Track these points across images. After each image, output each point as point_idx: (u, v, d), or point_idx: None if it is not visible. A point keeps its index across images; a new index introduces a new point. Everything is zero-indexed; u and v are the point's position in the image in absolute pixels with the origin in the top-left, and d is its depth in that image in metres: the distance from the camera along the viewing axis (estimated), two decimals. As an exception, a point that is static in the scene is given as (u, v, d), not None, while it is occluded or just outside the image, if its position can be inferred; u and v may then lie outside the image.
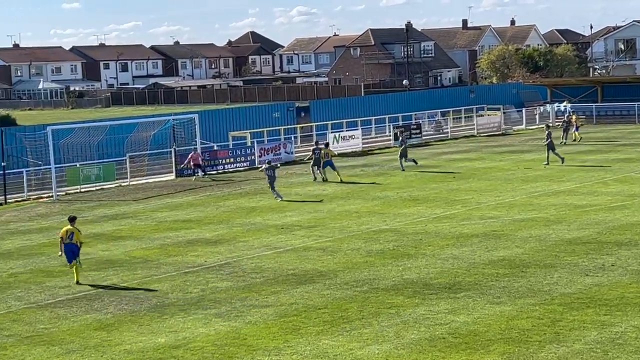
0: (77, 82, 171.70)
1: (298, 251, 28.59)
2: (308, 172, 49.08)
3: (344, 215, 34.84)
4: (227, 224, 34.29)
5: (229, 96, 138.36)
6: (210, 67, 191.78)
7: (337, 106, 75.42)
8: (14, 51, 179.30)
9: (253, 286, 24.30)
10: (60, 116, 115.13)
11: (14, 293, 24.80)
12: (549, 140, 46.95)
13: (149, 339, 20.07)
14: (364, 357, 18.23)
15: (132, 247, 30.65)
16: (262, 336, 19.85)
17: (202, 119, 56.07)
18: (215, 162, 51.24)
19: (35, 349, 19.72)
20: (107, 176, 47.17)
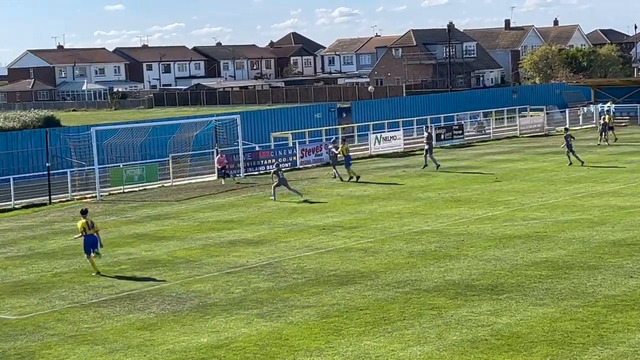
0: (120, 84, 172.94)
1: (340, 252, 28.59)
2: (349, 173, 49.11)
3: (386, 216, 34.79)
4: (269, 224, 34.36)
5: (271, 97, 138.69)
6: (252, 68, 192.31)
7: (378, 107, 75.31)
8: (58, 53, 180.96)
9: (295, 287, 24.33)
10: (103, 117, 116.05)
11: (58, 292, 25.02)
12: (567, 143, 46.97)
13: (192, 338, 20.16)
14: (405, 358, 18.18)
15: (174, 247, 30.81)
16: (304, 337, 19.86)
17: (244, 119, 56.26)
18: (257, 163, 51.35)
19: (79, 348, 19.88)
20: (150, 177, 47.45)
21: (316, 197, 40.72)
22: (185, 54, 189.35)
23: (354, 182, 44.61)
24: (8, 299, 24.48)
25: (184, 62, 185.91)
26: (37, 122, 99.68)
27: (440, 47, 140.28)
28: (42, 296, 24.66)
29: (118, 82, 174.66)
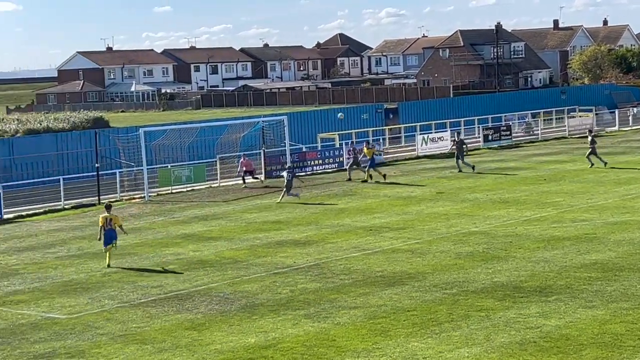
0: (168, 85, 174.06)
1: (387, 253, 28.54)
2: (396, 174, 49.04)
3: (433, 217, 34.67)
4: (316, 225, 34.39)
5: (318, 98, 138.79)
6: (298, 69, 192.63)
7: (425, 108, 75.08)
8: (107, 54, 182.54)
9: (342, 287, 24.33)
10: (151, 118, 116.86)
11: (108, 292, 25.23)
12: (592, 146, 46.75)
13: (239, 339, 20.23)
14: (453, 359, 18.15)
15: (222, 247, 30.94)
16: (351, 338, 19.85)
17: (291, 120, 56.34)
18: (304, 164, 51.42)
19: (128, 347, 20.04)
20: (197, 177, 47.69)
21: (363, 198, 40.69)
22: (233, 55, 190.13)
23: (396, 184, 44.48)
24: (58, 298, 24.74)
25: (232, 64, 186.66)
26: (86, 123, 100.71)
27: (487, 47, 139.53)
28: (91, 296, 24.89)
29: (166, 83, 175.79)
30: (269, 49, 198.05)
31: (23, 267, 29.24)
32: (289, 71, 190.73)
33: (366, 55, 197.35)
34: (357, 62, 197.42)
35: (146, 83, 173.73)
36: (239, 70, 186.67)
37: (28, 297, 25.04)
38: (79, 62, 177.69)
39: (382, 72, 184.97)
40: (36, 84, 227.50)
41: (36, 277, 27.69)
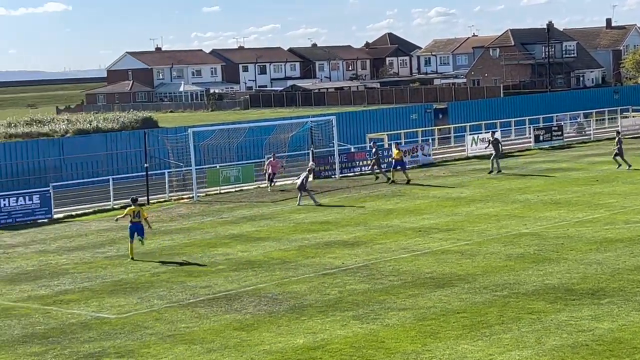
0: (217, 85, 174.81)
1: (436, 254, 28.33)
2: (445, 174, 48.76)
3: (483, 218, 34.38)
4: (364, 226, 34.25)
5: (366, 98, 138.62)
6: (347, 69, 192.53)
7: (475, 108, 74.60)
8: (156, 54, 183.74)
9: (391, 289, 24.18)
10: (200, 118, 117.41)
11: (157, 292, 25.28)
12: (618, 147, 46.16)
13: (288, 339, 20.15)
14: (504, 363, 17.93)
15: (270, 248, 30.90)
16: (400, 339, 19.71)
17: (339, 120, 56.22)
18: (352, 164, 51.28)
19: (177, 347, 20.04)
20: (246, 177, 47.75)
21: (411, 199, 40.48)
22: (281, 55, 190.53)
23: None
24: (108, 298, 24.84)
25: (280, 64, 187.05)
26: (135, 123, 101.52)
27: (539, 46, 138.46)
28: (140, 295, 24.96)
29: (214, 83, 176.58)
30: (318, 48, 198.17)
31: (73, 267, 29.43)
32: (337, 71, 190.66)
33: (415, 55, 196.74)
34: (406, 62, 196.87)
35: (195, 83, 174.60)
36: (288, 70, 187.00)
37: (78, 297, 25.18)
38: (128, 62, 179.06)
39: (431, 71, 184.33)
40: (86, 84, 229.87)
41: (86, 276, 27.85)
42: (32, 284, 27.06)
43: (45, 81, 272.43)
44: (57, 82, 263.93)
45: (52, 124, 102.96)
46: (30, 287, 26.65)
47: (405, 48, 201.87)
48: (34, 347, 20.53)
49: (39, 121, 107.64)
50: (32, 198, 39.74)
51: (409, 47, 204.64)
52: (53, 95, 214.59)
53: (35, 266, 29.85)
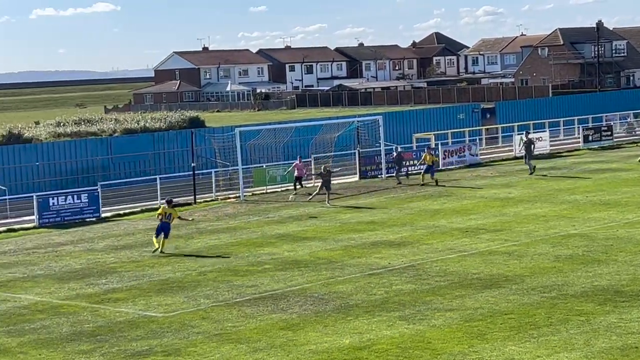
0: (263, 84, 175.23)
1: (483, 255, 28.15)
2: (493, 174, 48.47)
3: (531, 219, 34.11)
4: (411, 226, 34.13)
5: (413, 98, 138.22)
6: (394, 69, 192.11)
7: (523, 107, 74.05)
8: (203, 54, 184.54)
9: (437, 289, 24.06)
10: (246, 118, 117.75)
11: (203, 291, 25.37)
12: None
13: (334, 339, 20.12)
14: (552, 365, 17.77)
15: (316, 247, 30.89)
16: (447, 340, 19.60)
17: (386, 120, 56.08)
18: (399, 164, 51.03)
19: (224, 346, 20.09)
20: (292, 177, 47.70)
21: (459, 199, 40.28)
22: (328, 54, 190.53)
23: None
24: (155, 297, 24.97)
25: (326, 63, 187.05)
26: (182, 122, 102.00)
27: (588, 46, 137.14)
28: (187, 294, 25.06)
29: (261, 83, 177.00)
30: (364, 48, 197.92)
31: (120, 266, 29.62)
32: (384, 71, 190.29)
33: (463, 54, 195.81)
34: (453, 61, 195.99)
35: (241, 83, 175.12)
36: (334, 70, 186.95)
37: (126, 295, 25.34)
38: (175, 62, 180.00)
39: (478, 71, 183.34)
40: (133, 83, 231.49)
41: (133, 275, 28.02)
42: (81, 282, 27.28)
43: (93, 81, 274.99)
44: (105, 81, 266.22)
45: (100, 124, 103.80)
46: (78, 286, 26.87)
47: (453, 47, 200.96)
48: (83, 345, 20.69)
49: (88, 120, 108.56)
50: (80, 197, 40.08)
51: (457, 46, 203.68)
52: (101, 94, 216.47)
53: (83, 264, 30.09)
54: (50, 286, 27.01)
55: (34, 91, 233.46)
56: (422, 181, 45.72)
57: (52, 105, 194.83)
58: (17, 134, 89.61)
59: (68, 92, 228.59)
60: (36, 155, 49.73)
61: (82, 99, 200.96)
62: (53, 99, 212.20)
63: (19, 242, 35.29)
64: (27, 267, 30.04)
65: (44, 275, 28.75)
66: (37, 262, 31.00)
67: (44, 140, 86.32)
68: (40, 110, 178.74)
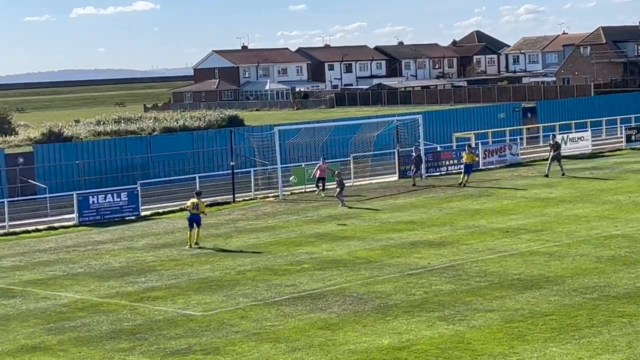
0: (302, 83, 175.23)
1: (524, 255, 27.92)
2: (534, 174, 48.10)
3: (572, 219, 33.78)
4: (451, 226, 33.92)
5: (453, 97, 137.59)
6: (433, 68, 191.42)
7: (565, 107, 73.44)
8: (242, 53, 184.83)
9: (477, 290, 23.89)
10: (285, 117, 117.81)
11: (242, 290, 25.36)
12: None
13: (373, 339, 20.03)
14: (594, 367, 17.56)
15: (355, 247, 30.79)
16: (487, 341, 19.44)
17: (425, 119, 55.85)
18: (439, 164, 50.89)
19: (262, 345, 20.05)
20: (331, 176, 47.62)
21: (499, 199, 40.00)
22: (367, 53, 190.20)
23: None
24: (194, 295, 25.00)
25: (366, 62, 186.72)
26: (221, 121, 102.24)
27: (631, 44, 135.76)
28: (226, 293, 25.06)
29: (300, 82, 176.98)
30: (404, 47, 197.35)
31: (160, 264, 29.70)
32: (423, 69, 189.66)
33: (503, 53, 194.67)
34: (494, 60, 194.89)
35: (280, 81, 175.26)
36: (373, 69, 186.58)
37: (165, 294, 25.39)
38: (214, 61, 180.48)
39: (519, 70, 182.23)
40: (173, 82, 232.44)
41: (172, 273, 28.08)
42: (120, 281, 27.38)
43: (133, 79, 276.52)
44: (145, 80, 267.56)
45: (139, 122, 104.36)
46: (118, 284, 26.97)
47: (494, 46, 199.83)
48: (122, 343, 20.75)
49: (127, 119, 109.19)
50: (120, 195, 40.26)
51: (497, 45, 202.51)
52: (141, 93, 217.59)
53: (122, 263, 30.21)
54: (90, 284, 27.14)
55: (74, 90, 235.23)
56: (462, 182, 44.95)
57: (92, 104, 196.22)
58: (58, 133, 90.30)
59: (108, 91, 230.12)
60: (76, 154, 50.03)
61: (121, 97, 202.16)
62: (93, 97, 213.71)
63: (59, 240, 35.50)
64: (67, 265, 30.21)
65: (83, 273, 28.90)
66: (77, 260, 31.17)
67: (84, 138, 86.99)
68: (80, 108, 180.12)
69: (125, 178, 49.24)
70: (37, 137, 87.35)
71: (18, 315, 23.79)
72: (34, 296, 25.95)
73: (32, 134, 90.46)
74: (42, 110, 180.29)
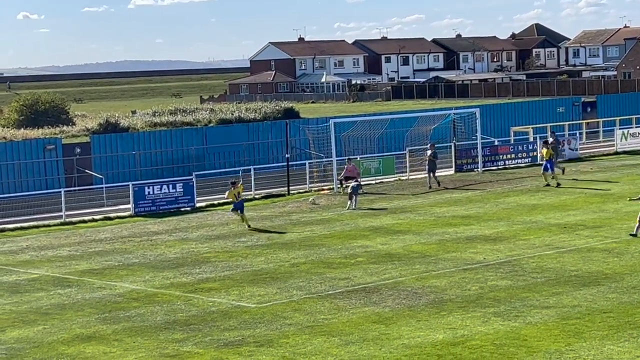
0: (359, 76, 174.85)
1: (581, 252, 27.52)
2: (593, 169, 47.47)
3: (632, 215, 33.10)
4: (507, 221, 33.56)
5: (511, 90, 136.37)
6: (492, 61, 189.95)
7: (626, 101, 72.35)
8: (299, 45, 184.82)
9: (534, 286, 23.58)
10: (341, 109, 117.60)
11: (296, 283, 25.29)
12: None
13: (427, 334, 19.85)
14: (653, 367, 17.22)
15: (410, 241, 30.58)
16: (543, 338, 19.17)
17: (483, 113, 55.32)
18: (496, 158, 50.42)
19: (316, 338, 19.96)
20: (386, 170, 47.48)
21: (557, 194, 39.51)
22: (424, 46, 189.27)
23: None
24: (248, 287, 24.98)
25: (423, 55, 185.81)
26: (277, 113, 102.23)
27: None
28: (280, 286, 25.02)
29: (356, 74, 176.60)
30: (462, 39, 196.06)
31: (214, 255, 29.75)
32: (481, 62, 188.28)
33: (563, 47, 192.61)
34: (553, 54, 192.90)
35: (337, 74, 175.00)
36: (431, 62, 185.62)
37: (219, 285, 25.41)
38: (270, 52, 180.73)
39: (579, 63, 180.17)
40: (229, 74, 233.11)
41: (227, 265, 28.10)
42: (175, 272, 27.46)
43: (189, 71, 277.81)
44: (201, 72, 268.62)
45: (195, 114, 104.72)
46: (172, 275, 27.05)
47: (553, 39, 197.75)
48: (176, 334, 20.78)
49: (183, 110, 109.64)
50: (175, 186, 40.43)
51: (557, 38, 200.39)
52: (197, 84, 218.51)
53: (177, 254, 30.31)
54: (144, 275, 27.26)
55: (131, 81, 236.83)
56: (545, 181, 42.11)
57: (148, 95, 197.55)
58: (114, 123, 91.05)
59: (164, 82, 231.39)
60: (132, 145, 50.34)
61: (178, 88, 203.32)
62: (150, 88, 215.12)
63: (114, 231, 35.74)
64: (123, 256, 30.39)
65: (138, 263, 29.04)
66: (132, 250, 31.34)
67: (140, 129, 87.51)
68: (137, 99, 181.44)
69: (181, 169, 49.47)
70: (94, 128, 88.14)
71: (74, 305, 23.96)
72: (89, 286, 26.13)
73: (89, 125, 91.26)
74: (99, 100, 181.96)
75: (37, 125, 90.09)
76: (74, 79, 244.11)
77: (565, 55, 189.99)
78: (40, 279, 27.43)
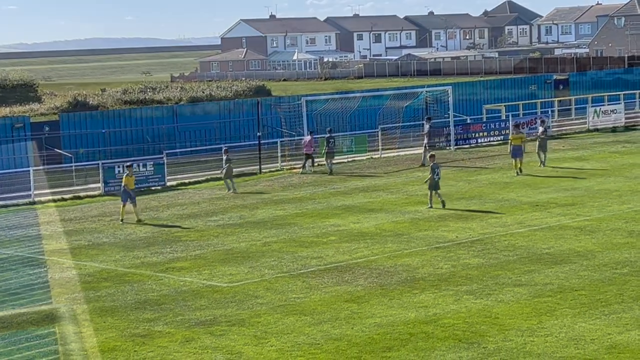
0: (330, 53, 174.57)
1: (553, 230, 27.54)
2: (565, 147, 47.56)
3: (603, 193, 33.32)
4: (480, 199, 33.55)
5: (483, 68, 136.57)
6: (464, 38, 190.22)
7: (598, 79, 72.52)
8: (270, 22, 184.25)
9: (506, 264, 23.58)
10: (313, 87, 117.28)
11: (268, 262, 25.17)
12: None
13: (399, 312, 19.79)
14: (622, 342, 17.27)
15: (382, 220, 30.51)
16: (515, 316, 19.17)
17: (455, 91, 55.25)
18: (468, 136, 50.41)
19: (288, 317, 19.86)
20: (359, 148, 47.36)
21: (530, 172, 39.51)
22: (397, 23, 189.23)
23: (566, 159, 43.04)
24: (220, 267, 24.83)
25: (395, 32, 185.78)
26: (248, 91, 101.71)
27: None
28: (252, 265, 24.88)
29: (328, 52, 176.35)
30: (434, 17, 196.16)
31: (185, 235, 29.55)
32: (454, 40, 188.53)
33: (536, 24, 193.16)
34: (526, 31, 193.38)
35: (308, 52, 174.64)
36: (403, 39, 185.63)
37: (190, 265, 25.24)
38: (242, 30, 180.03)
39: (552, 41, 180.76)
40: (200, 51, 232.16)
41: (198, 244, 27.92)
42: (145, 251, 27.26)
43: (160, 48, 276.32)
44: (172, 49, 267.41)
45: (166, 92, 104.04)
46: (143, 254, 26.85)
47: (526, 16, 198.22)
48: (147, 314, 20.62)
49: (153, 88, 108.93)
50: (146, 165, 40.12)
51: (530, 15, 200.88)
52: (167, 62, 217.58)
53: (148, 233, 30.09)
54: (115, 254, 27.03)
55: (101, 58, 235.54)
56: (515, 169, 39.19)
57: (118, 73, 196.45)
58: (84, 101, 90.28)
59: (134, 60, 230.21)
60: (102, 123, 49.93)
61: (148, 66, 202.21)
62: (119, 66, 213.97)
63: (84, 210, 35.45)
64: (93, 235, 30.13)
65: (109, 243, 28.81)
66: (102, 229, 31.09)
67: (110, 107, 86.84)
68: (107, 77, 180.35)
69: (151, 148, 49.11)
70: (63, 106, 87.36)
71: (43, 285, 23.71)
72: (58, 266, 25.88)
73: (58, 103, 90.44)
74: (68, 78, 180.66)
75: (5, 104, 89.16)
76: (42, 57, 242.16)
77: (537, 32, 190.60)
78: (9, 259, 27.15)
